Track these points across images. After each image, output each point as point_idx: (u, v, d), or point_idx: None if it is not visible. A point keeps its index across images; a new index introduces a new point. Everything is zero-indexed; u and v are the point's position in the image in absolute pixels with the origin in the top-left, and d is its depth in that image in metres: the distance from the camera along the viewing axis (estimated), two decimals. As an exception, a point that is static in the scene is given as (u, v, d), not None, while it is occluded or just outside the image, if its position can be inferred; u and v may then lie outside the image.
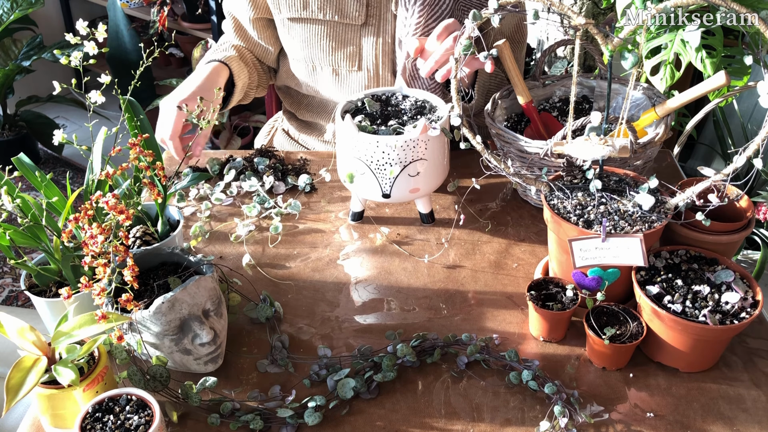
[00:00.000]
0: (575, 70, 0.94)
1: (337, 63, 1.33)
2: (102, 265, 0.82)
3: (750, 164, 0.89)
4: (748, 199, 1.03)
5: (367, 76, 1.34)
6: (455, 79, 0.97)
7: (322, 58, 1.33)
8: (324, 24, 1.30)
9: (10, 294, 2.42)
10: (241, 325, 1.03)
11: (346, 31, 1.30)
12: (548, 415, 0.88)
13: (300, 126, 1.53)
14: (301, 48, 1.34)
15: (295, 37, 1.34)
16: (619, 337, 0.93)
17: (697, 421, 0.88)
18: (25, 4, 2.82)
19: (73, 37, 0.98)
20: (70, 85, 0.96)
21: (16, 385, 0.78)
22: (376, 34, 1.30)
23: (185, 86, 1.22)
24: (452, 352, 0.97)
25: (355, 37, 1.30)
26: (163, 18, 2.81)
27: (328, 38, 1.31)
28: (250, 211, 1.24)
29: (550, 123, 1.28)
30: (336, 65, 1.33)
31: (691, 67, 1.52)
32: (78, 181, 3.05)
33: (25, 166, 0.99)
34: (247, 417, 0.87)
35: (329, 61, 1.33)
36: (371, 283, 1.11)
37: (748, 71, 1.33)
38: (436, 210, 1.26)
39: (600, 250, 0.93)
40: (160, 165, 0.98)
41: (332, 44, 1.31)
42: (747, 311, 0.90)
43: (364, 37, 1.30)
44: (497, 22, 0.89)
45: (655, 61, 1.31)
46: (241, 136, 2.93)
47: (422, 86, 1.27)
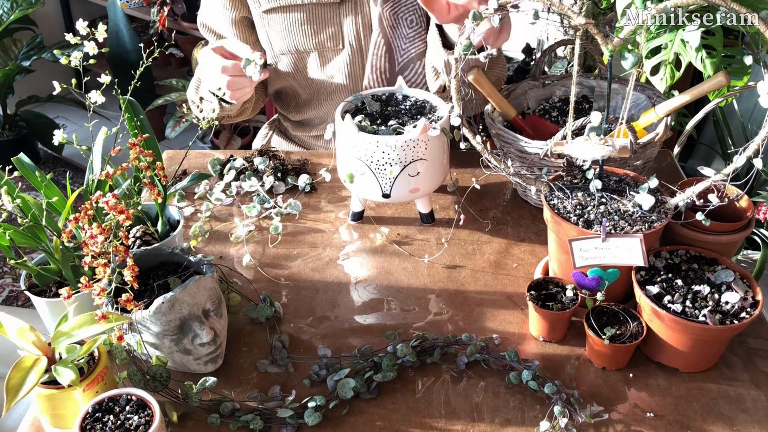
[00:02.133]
0: (575, 70, 0.94)
1: (321, 44, 1.35)
2: (102, 265, 0.82)
3: (750, 164, 0.89)
4: (748, 199, 1.03)
5: (351, 51, 1.35)
6: (455, 79, 0.97)
7: (305, 42, 1.35)
8: (302, 9, 1.32)
9: (10, 294, 2.42)
10: (241, 325, 1.03)
11: (325, 11, 1.33)
12: (548, 415, 0.88)
13: (294, 126, 1.54)
14: (282, 38, 1.35)
15: (275, 28, 1.35)
16: (619, 337, 0.93)
17: (697, 421, 0.88)
18: (25, 4, 2.82)
19: (73, 37, 0.98)
20: (70, 85, 0.96)
21: (16, 385, 0.78)
22: (353, 11, 1.33)
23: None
24: (452, 352, 0.97)
25: (334, 16, 1.33)
26: (163, 18, 2.81)
27: (308, 22, 1.33)
28: (250, 211, 1.24)
29: (538, 124, 1.27)
30: (320, 47, 1.35)
31: (691, 67, 1.52)
32: (78, 181, 3.05)
33: (25, 166, 0.99)
34: (247, 417, 0.87)
35: (313, 45, 1.35)
36: (371, 283, 1.11)
37: (748, 71, 1.33)
38: (436, 210, 1.26)
39: (600, 250, 0.93)
40: (160, 165, 0.98)
41: (313, 27, 1.34)
42: (747, 311, 0.90)
43: (343, 15, 1.33)
44: (497, 22, 0.89)
45: (655, 61, 1.31)
46: (241, 136, 2.93)
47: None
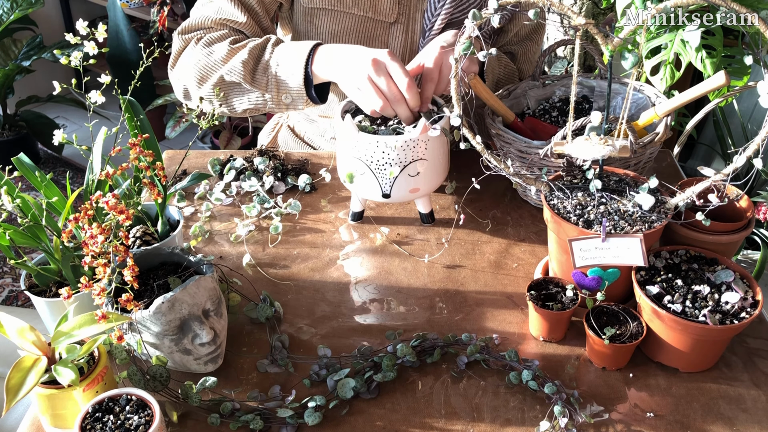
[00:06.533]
0: (575, 70, 0.94)
1: None
2: (102, 265, 0.82)
3: (750, 164, 0.89)
4: (748, 199, 1.03)
5: None
6: (455, 79, 0.97)
7: None
8: (355, 18, 1.28)
9: (10, 294, 2.42)
10: (241, 325, 1.03)
11: (376, 27, 1.29)
12: (548, 415, 0.88)
13: (309, 123, 1.51)
14: (325, 40, 1.30)
15: (319, 27, 1.30)
16: (619, 337, 0.93)
17: (697, 421, 0.88)
18: (25, 4, 2.82)
19: (73, 37, 0.98)
20: (70, 85, 0.96)
21: (16, 385, 0.78)
22: (404, 32, 1.29)
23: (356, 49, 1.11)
24: (452, 352, 0.97)
25: (383, 34, 1.29)
26: (163, 18, 2.81)
27: (356, 33, 1.29)
28: (250, 211, 1.24)
29: (538, 127, 1.27)
30: None
31: (691, 67, 1.53)
32: (78, 181, 3.05)
33: (25, 166, 0.99)
34: (247, 417, 0.87)
35: None
36: (371, 283, 1.11)
37: (748, 71, 1.33)
38: (436, 210, 1.26)
39: (600, 250, 0.93)
40: (160, 165, 0.98)
41: (360, 40, 1.30)
42: (747, 311, 0.90)
43: (392, 34, 1.29)
44: (497, 22, 0.89)
45: (655, 61, 1.31)
46: (241, 136, 2.93)
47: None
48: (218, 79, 1.20)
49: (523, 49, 1.43)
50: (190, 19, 1.27)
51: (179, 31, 1.27)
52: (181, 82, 1.26)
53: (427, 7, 1.27)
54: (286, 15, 1.37)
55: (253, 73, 1.18)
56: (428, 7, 1.27)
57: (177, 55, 1.27)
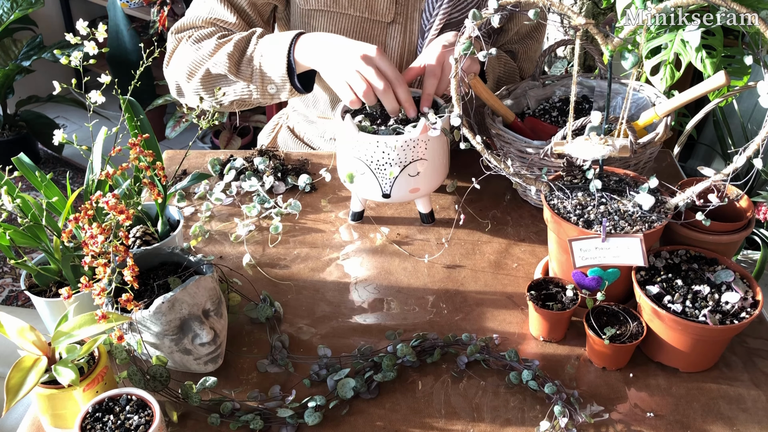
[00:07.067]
0: (575, 70, 0.94)
1: None
2: (102, 265, 0.82)
3: (750, 164, 0.89)
4: (748, 199, 1.03)
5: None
6: (455, 79, 0.97)
7: None
8: (352, 19, 1.27)
9: (10, 294, 2.42)
10: (241, 325, 1.03)
11: (373, 27, 1.28)
12: (548, 415, 0.88)
13: (309, 124, 1.52)
14: None
15: (316, 28, 1.30)
16: (619, 337, 0.93)
17: (697, 421, 0.88)
18: (25, 4, 2.82)
19: (73, 37, 0.98)
20: (70, 85, 0.96)
21: (16, 385, 0.78)
22: (402, 32, 1.29)
23: (343, 42, 1.11)
24: (452, 352, 0.97)
25: (381, 35, 1.29)
26: (163, 18, 2.81)
27: (354, 34, 1.29)
28: (250, 211, 1.24)
29: (538, 127, 1.27)
30: None
31: (691, 67, 1.53)
32: (78, 181, 3.05)
33: (25, 166, 0.99)
34: (247, 417, 0.87)
35: None
36: (371, 283, 1.11)
37: (748, 71, 1.33)
38: (436, 210, 1.26)
39: (600, 250, 0.93)
40: (160, 165, 0.98)
41: (357, 40, 1.30)
42: (747, 311, 0.90)
43: (390, 34, 1.29)
44: (497, 23, 0.89)
45: (655, 61, 1.31)
46: (241, 136, 2.93)
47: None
48: (205, 72, 1.22)
49: (524, 47, 1.43)
50: (183, 19, 1.30)
51: (172, 30, 1.30)
52: (174, 79, 1.29)
53: (424, 7, 1.27)
54: (283, 17, 1.38)
55: (238, 65, 1.20)
56: (426, 7, 1.27)
57: (170, 53, 1.30)
